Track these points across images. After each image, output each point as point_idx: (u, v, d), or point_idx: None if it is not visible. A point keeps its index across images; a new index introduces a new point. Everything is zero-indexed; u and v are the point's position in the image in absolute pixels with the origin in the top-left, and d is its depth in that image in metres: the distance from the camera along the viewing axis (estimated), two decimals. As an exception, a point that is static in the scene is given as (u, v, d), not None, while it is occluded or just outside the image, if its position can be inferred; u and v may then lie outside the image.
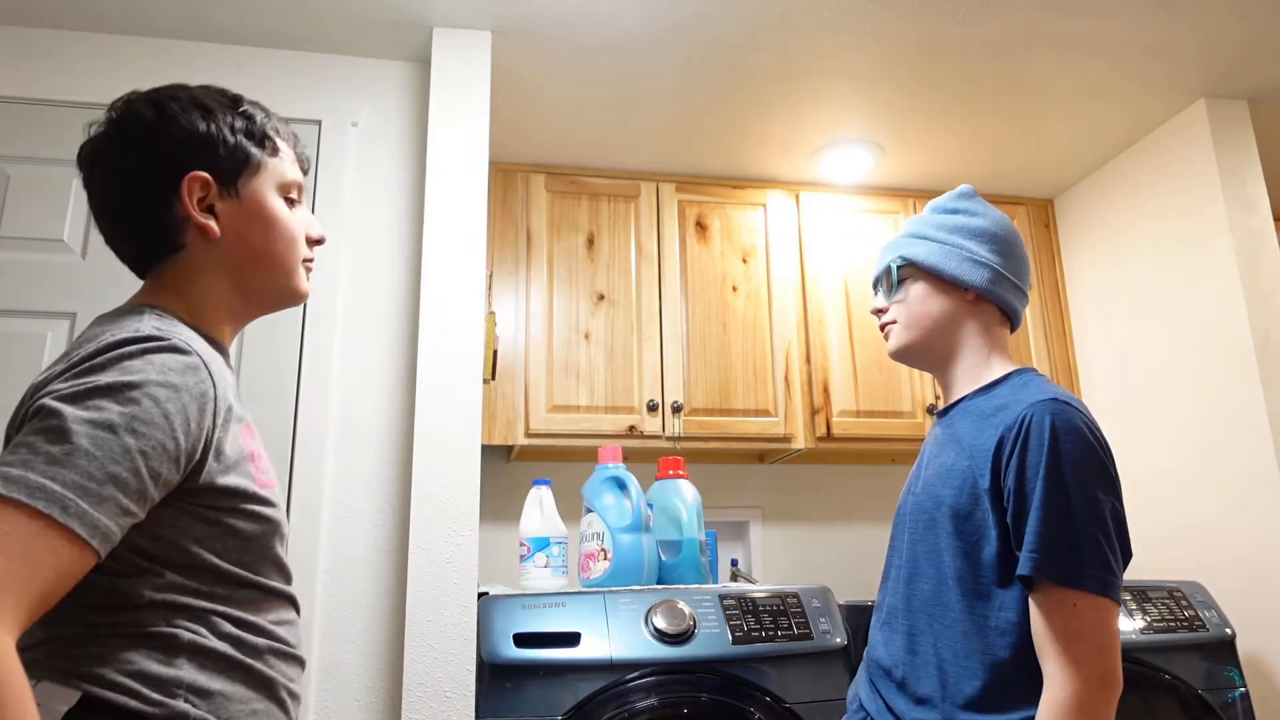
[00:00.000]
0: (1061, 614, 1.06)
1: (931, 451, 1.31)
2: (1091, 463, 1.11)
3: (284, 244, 0.99)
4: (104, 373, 0.78)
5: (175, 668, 0.80)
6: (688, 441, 2.47)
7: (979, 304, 1.29)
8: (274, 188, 1.00)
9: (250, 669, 0.86)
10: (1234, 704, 1.99)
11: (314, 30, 2.09)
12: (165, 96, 0.97)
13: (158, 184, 0.94)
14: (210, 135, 0.95)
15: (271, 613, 0.90)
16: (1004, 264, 1.29)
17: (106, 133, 0.96)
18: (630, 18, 2.05)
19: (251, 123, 0.99)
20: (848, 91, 2.36)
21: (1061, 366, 2.79)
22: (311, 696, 1.77)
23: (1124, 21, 2.10)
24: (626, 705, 1.71)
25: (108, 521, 0.74)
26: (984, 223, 1.31)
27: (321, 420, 1.91)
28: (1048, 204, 2.96)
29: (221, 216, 0.96)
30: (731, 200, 2.72)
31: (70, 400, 0.75)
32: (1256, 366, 2.22)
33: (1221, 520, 2.29)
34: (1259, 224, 2.35)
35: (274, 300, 1.02)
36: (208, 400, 0.83)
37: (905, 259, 1.32)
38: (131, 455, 0.75)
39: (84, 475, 0.73)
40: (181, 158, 0.94)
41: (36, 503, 0.70)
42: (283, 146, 1.02)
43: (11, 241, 1.92)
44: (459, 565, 1.81)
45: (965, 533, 1.17)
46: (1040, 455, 1.10)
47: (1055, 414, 1.12)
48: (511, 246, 2.52)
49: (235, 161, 0.97)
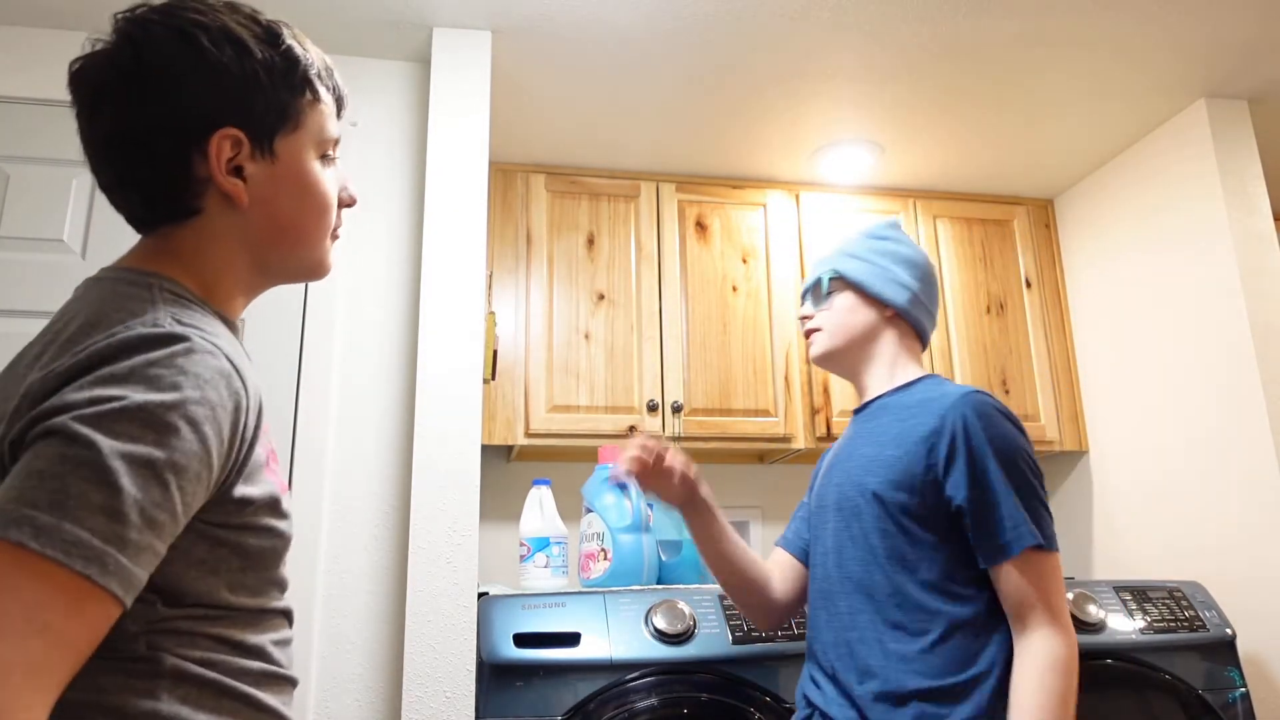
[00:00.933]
0: (1039, 573, 1.23)
1: (850, 446, 1.42)
2: (1020, 439, 1.29)
3: (316, 214, 0.86)
4: (129, 385, 0.65)
5: (154, 699, 0.69)
6: (688, 441, 2.47)
7: (896, 320, 1.46)
8: (313, 145, 0.85)
9: (241, 696, 0.75)
10: (1234, 704, 1.99)
11: (314, 30, 2.09)
12: (192, 19, 0.78)
13: (180, 139, 0.77)
14: (247, 81, 0.79)
15: (269, 632, 0.79)
16: (921, 290, 1.46)
17: (115, 60, 0.77)
18: (631, 18, 2.05)
19: (293, 64, 0.82)
20: (848, 91, 2.36)
21: (1061, 366, 2.79)
22: (311, 697, 1.77)
23: (1124, 21, 2.10)
24: (626, 705, 1.71)
25: (142, 574, 0.64)
26: (909, 252, 1.48)
27: (321, 420, 1.91)
28: (1048, 204, 2.96)
29: (250, 180, 0.80)
30: (731, 200, 2.72)
31: (99, 425, 0.63)
32: (1256, 366, 2.22)
33: (1222, 520, 2.29)
34: (1259, 224, 2.35)
35: (295, 274, 0.88)
36: (240, 413, 0.72)
37: (837, 272, 1.47)
38: (171, 495, 0.65)
39: (125, 524, 0.62)
40: (211, 109, 0.78)
41: (74, 562, 0.59)
42: (323, 93, 0.86)
43: (11, 241, 1.92)
44: (459, 565, 1.80)
45: (893, 515, 1.29)
46: (983, 444, 1.26)
47: (980, 404, 1.29)
48: (511, 246, 2.52)
49: (273, 115, 0.81)
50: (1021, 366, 2.75)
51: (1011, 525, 1.23)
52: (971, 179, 2.82)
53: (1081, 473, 2.78)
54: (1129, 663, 1.97)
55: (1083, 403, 2.77)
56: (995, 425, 1.27)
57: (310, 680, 1.78)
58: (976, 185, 2.86)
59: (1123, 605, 2.06)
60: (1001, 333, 2.77)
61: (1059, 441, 2.71)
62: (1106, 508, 2.68)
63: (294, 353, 1.95)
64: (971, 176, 2.81)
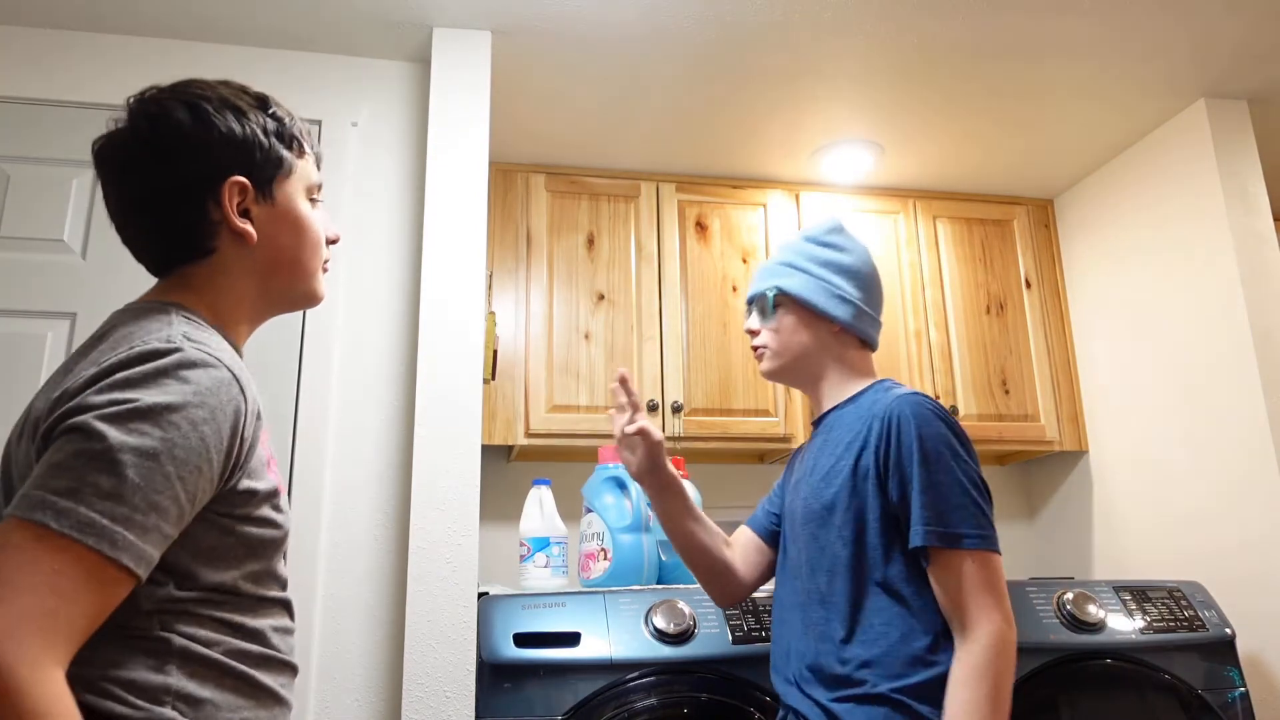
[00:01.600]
0: (959, 572, 1.23)
1: (810, 459, 1.45)
2: (950, 440, 1.29)
3: (310, 248, 1.00)
4: (141, 389, 0.77)
5: (164, 674, 0.79)
6: (688, 441, 2.47)
7: (842, 335, 1.47)
8: (303, 190, 1.00)
9: (243, 676, 0.85)
10: (1234, 704, 1.99)
11: (314, 30, 2.09)
12: (196, 97, 0.94)
13: (195, 190, 0.92)
14: (247, 139, 0.94)
15: (269, 618, 0.90)
16: (865, 299, 1.47)
17: (137, 135, 0.92)
18: (631, 18, 2.05)
19: (281, 124, 0.98)
20: (848, 91, 2.36)
21: (1061, 366, 2.79)
22: (311, 697, 1.77)
23: (1124, 22, 2.10)
24: (626, 705, 1.71)
25: (152, 551, 0.75)
26: (851, 260, 1.49)
27: (321, 420, 1.91)
28: (1048, 204, 2.96)
29: (255, 220, 0.95)
30: (731, 200, 2.72)
31: (112, 422, 0.75)
32: (1256, 366, 2.22)
33: (1222, 520, 2.29)
34: (1259, 224, 2.35)
35: (294, 303, 1.02)
36: (239, 416, 0.83)
37: (781, 290, 1.47)
38: (172, 483, 0.76)
39: (131, 508, 0.74)
40: (221, 163, 0.93)
41: (87, 539, 0.71)
42: (306, 147, 1.02)
43: (11, 241, 1.92)
44: (459, 565, 1.81)
45: (850, 523, 1.32)
46: (911, 441, 1.28)
47: (913, 404, 1.31)
48: (511, 246, 2.52)
49: (270, 165, 0.96)
50: (1021, 366, 2.75)
51: (918, 525, 1.26)
52: (971, 179, 2.82)
53: (1081, 473, 2.78)
54: (1129, 663, 1.97)
55: (1083, 403, 2.77)
56: (924, 423, 1.29)
57: (310, 680, 1.78)
58: (976, 185, 2.86)
59: (1123, 605, 2.06)
60: (1001, 333, 2.77)
61: (1059, 441, 2.71)
62: (1106, 508, 2.68)
63: (294, 353, 1.95)
64: (971, 176, 2.81)
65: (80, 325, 1.88)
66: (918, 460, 1.27)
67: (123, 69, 2.06)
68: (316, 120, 2.10)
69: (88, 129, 2.01)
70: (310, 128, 1.05)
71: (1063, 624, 1.98)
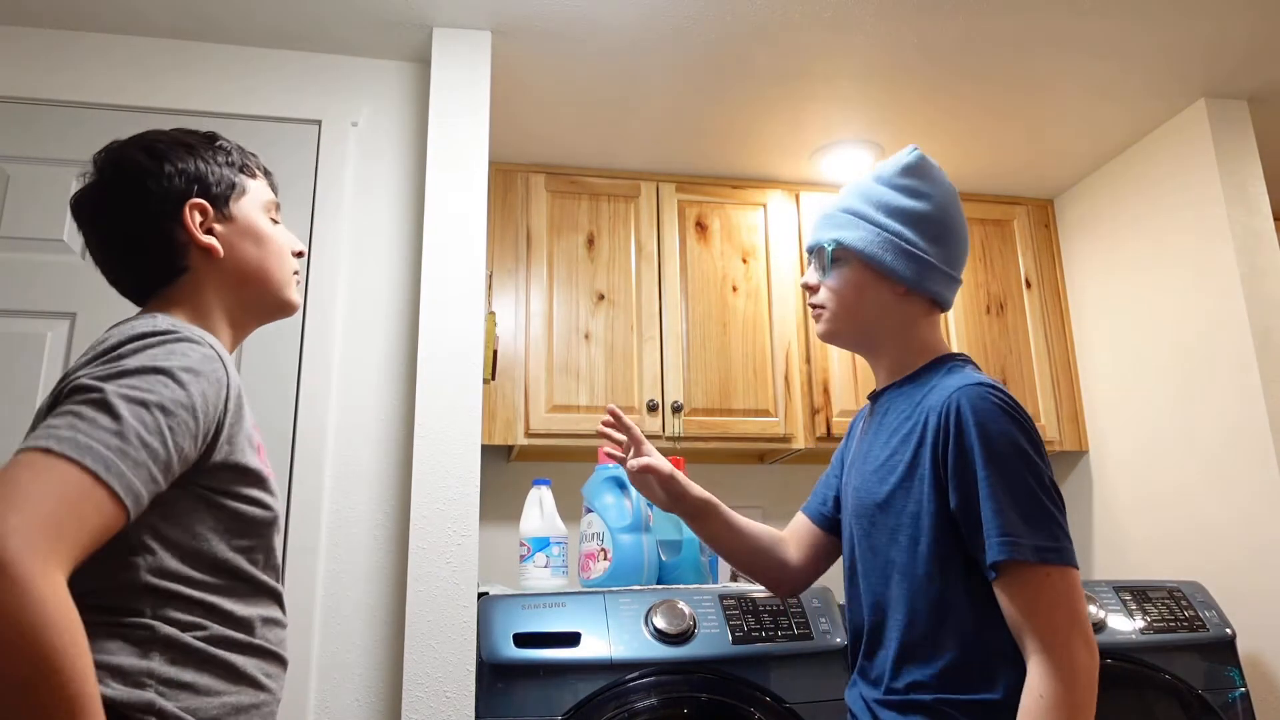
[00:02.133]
0: (1036, 590, 1.07)
1: (865, 444, 1.31)
2: (1020, 439, 1.12)
3: (275, 257, 1.10)
4: (131, 359, 0.87)
5: (147, 659, 0.86)
6: (688, 441, 2.47)
7: (909, 295, 1.27)
8: (260, 206, 1.11)
9: (226, 663, 0.91)
10: (1234, 704, 1.99)
11: (314, 30, 2.09)
12: (150, 140, 1.06)
13: (161, 216, 1.03)
14: (199, 167, 1.06)
15: (259, 607, 0.96)
16: (939, 254, 1.27)
17: (101, 181, 1.04)
18: (630, 18, 2.05)
19: (229, 154, 1.10)
20: (848, 91, 2.36)
21: (1061, 366, 2.79)
22: (312, 696, 1.77)
23: (1124, 21, 2.10)
24: (626, 705, 1.71)
25: (140, 486, 0.82)
26: (927, 206, 1.27)
27: (321, 420, 1.91)
28: (1048, 204, 2.96)
29: (220, 237, 1.06)
30: (731, 200, 2.72)
31: (105, 379, 0.84)
32: (1256, 367, 2.22)
33: (1221, 520, 2.29)
34: (1259, 224, 2.35)
35: (270, 311, 1.11)
36: (223, 386, 0.92)
37: (840, 243, 1.28)
38: (161, 429, 0.84)
39: (124, 440, 0.81)
40: (179, 189, 1.03)
41: (85, 459, 0.78)
42: (255, 170, 1.13)
43: (11, 241, 1.92)
44: (459, 565, 1.81)
45: (906, 527, 1.18)
46: (973, 442, 1.11)
47: (976, 397, 1.14)
48: (511, 246, 2.52)
49: (225, 186, 1.07)
50: (1021, 366, 2.75)
51: (996, 536, 1.09)
52: (971, 179, 2.82)
53: (1081, 473, 2.78)
54: (1129, 663, 1.97)
55: (1083, 403, 2.77)
56: (989, 421, 1.12)
57: (311, 680, 1.78)
58: (976, 185, 2.86)
59: (1123, 605, 2.06)
60: (1001, 333, 2.77)
61: (1059, 441, 2.71)
62: (1106, 508, 2.68)
63: (294, 353, 1.95)
64: (971, 176, 2.81)
65: (80, 325, 1.88)
66: (981, 463, 1.10)
67: (123, 69, 2.06)
68: (316, 120, 2.10)
69: (87, 129, 2.02)
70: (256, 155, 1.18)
71: (1063, 624, 1.97)
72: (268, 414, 1.89)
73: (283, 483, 1.86)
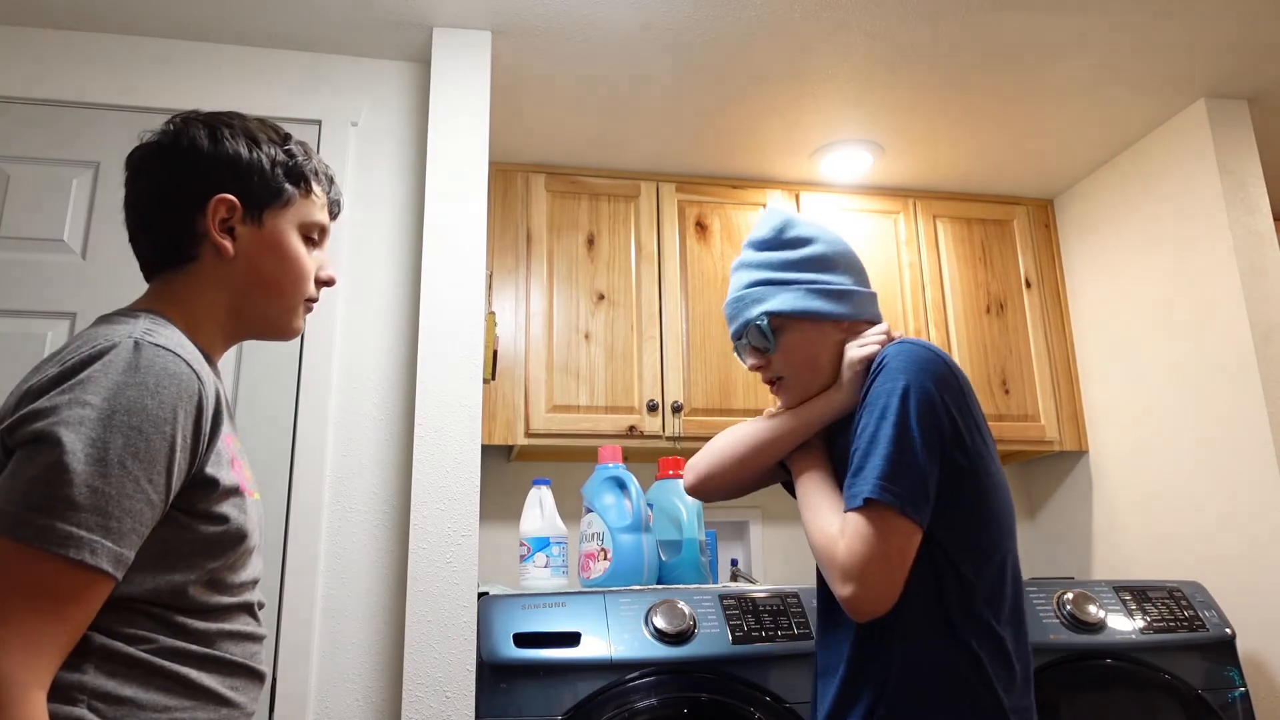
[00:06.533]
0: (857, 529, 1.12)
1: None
2: (904, 384, 1.15)
3: (291, 279, 1.04)
4: (91, 391, 0.81)
5: (79, 673, 0.80)
6: (688, 441, 2.47)
7: (850, 326, 1.32)
8: (296, 225, 1.05)
9: (176, 676, 0.86)
10: (1234, 704, 1.99)
11: (314, 30, 2.09)
12: (220, 121, 1.03)
13: (187, 197, 1.00)
14: (249, 163, 1.01)
15: (222, 623, 0.91)
16: (853, 279, 1.33)
17: (158, 142, 1.02)
18: (630, 18, 2.05)
19: (293, 159, 1.05)
20: (848, 91, 2.36)
21: (1061, 366, 2.79)
22: (312, 696, 1.77)
23: (1124, 22, 2.10)
24: (626, 705, 1.71)
25: (129, 552, 0.80)
26: (817, 248, 1.33)
27: (321, 420, 1.91)
28: (1048, 204, 2.96)
29: (239, 240, 1.01)
30: (731, 200, 2.72)
31: (69, 427, 0.79)
32: (1256, 366, 2.22)
33: (1221, 520, 2.29)
34: (1259, 224, 2.35)
35: (267, 329, 1.06)
36: (193, 401, 0.87)
37: (770, 313, 1.30)
38: (140, 485, 0.81)
39: (105, 515, 0.78)
40: (215, 178, 1.00)
41: (67, 551, 0.76)
42: (317, 190, 1.08)
43: (11, 241, 1.92)
44: (459, 565, 1.81)
45: None
46: (871, 388, 1.18)
47: (896, 354, 1.19)
48: (511, 246, 2.52)
49: (266, 192, 1.02)
50: (1021, 366, 2.75)
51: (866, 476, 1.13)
52: (971, 179, 2.82)
53: (1081, 473, 2.78)
54: (1129, 663, 1.97)
55: (1083, 403, 2.77)
56: (891, 370, 1.17)
57: (310, 680, 1.78)
58: (976, 185, 2.86)
59: (1122, 605, 2.06)
60: (1001, 333, 2.77)
61: (1059, 441, 2.71)
62: (1106, 508, 2.68)
63: (294, 353, 1.95)
64: (971, 176, 2.81)
65: (80, 325, 1.88)
66: (866, 409, 1.16)
67: (123, 69, 2.06)
68: (316, 120, 2.10)
69: (88, 129, 2.02)
70: (331, 172, 1.13)
71: (1063, 624, 1.98)
72: (268, 414, 1.89)
73: (283, 484, 1.86)
